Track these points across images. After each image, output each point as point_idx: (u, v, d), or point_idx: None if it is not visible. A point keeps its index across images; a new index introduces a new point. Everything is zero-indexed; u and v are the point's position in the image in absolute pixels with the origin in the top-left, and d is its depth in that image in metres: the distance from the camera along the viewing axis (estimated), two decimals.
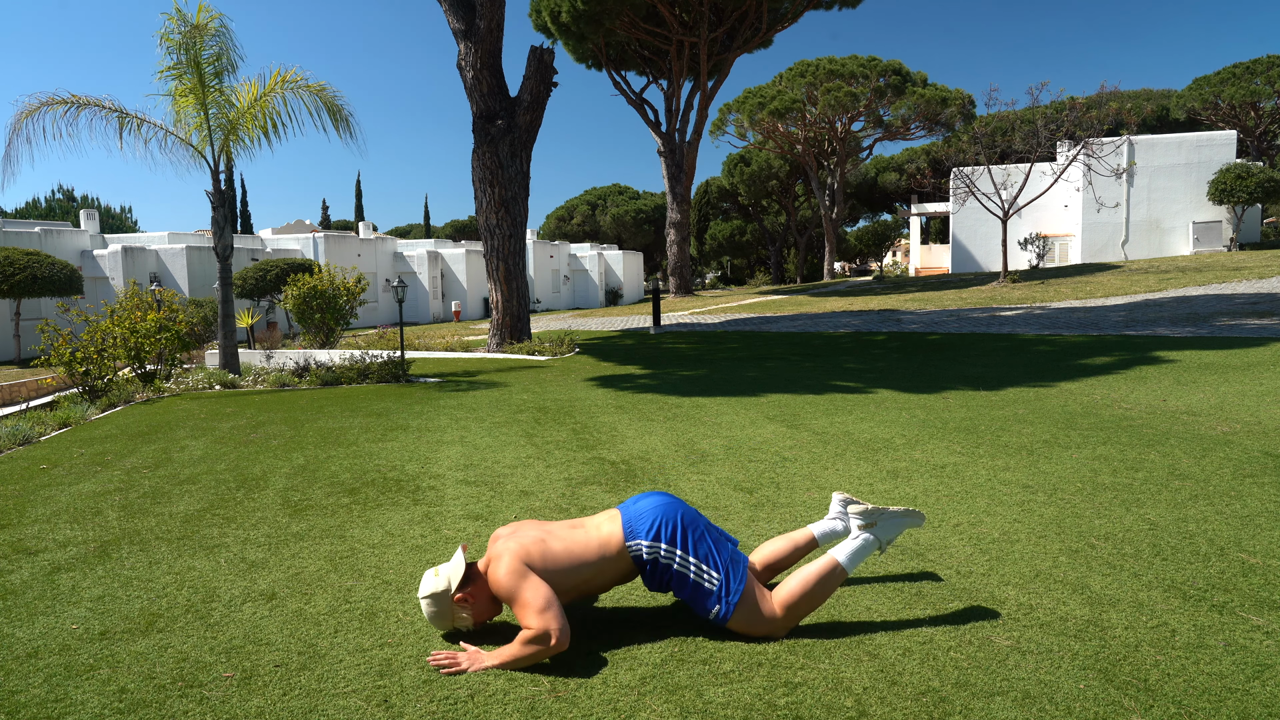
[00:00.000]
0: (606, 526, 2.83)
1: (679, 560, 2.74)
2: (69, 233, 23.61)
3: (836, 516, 3.12)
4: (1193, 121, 38.11)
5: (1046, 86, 49.95)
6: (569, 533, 2.83)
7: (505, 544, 2.76)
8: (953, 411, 6.79)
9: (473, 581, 2.81)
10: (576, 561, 2.74)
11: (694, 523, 2.81)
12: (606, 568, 2.77)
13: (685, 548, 2.75)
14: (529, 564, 2.69)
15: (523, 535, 2.80)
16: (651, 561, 2.75)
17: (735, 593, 2.71)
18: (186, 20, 10.46)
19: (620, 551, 2.77)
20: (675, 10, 27.57)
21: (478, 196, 14.12)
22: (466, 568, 2.84)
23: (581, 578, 2.76)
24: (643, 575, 2.81)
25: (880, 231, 56.82)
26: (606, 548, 2.78)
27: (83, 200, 54.86)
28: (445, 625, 2.82)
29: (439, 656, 2.62)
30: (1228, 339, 11.03)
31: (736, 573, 2.75)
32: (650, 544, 2.75)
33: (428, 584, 2.80)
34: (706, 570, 2.73)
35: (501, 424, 6.85)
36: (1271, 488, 4.29)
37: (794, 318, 19.45)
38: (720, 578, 2.73)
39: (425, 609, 2.79)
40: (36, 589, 3.41)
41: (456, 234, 57.11)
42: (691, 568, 2.73)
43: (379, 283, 31.70)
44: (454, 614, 2.78)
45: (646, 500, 2.87)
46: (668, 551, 2.74)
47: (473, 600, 2.78)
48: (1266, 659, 2.53)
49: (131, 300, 10.49)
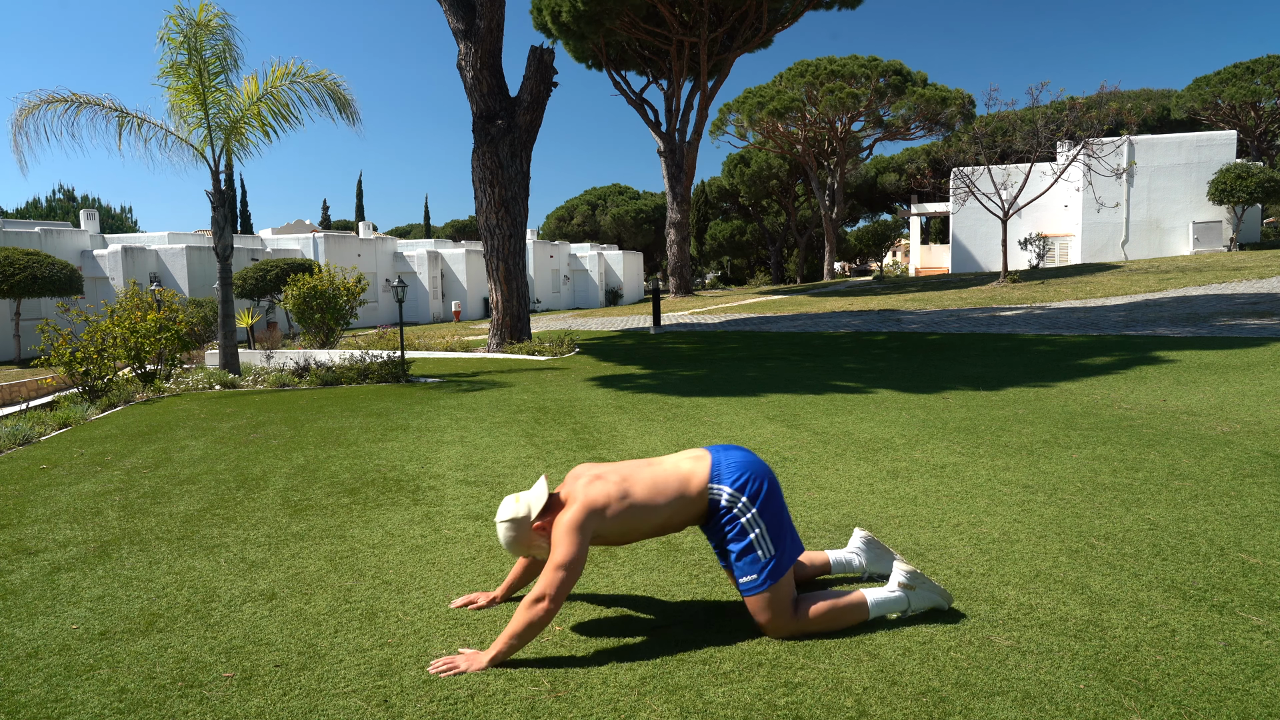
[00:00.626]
0: (688, 465, 2.84)
1: (749, 518, 2.75)
2: (69, 233, 23.61)
3: (856, 552, 3.18)
4: (1193, 121, 38.10)
5: (1046, 86, 49.93)
6: (648, 471, 2.84)
7: (586, 488, 2.76)
8: (953, 411, 6.79)
9: (552, 511, 2.82)
10: (656, 503, 2.76)
11: (775, 493, 2.83)
12: (683, 508, 2.79)
13: (760, 509, 2.77)
14: (599, 512, 2.70)
15: (607, 480, 2.79)
16: (727, 509, 2.77)
17: (777, 575, 2.73)
18: (189, 18, 10.46)
19: (700, 492, 2.78)
20: (675, 10, 27.57)
21: (478, 196, 14.12)
22: (548, 498, 2.85)
23: (660, 519, 2.78)
24: (708, 520, 2.82)
25: (880, 231, 56.82)
26: (687, 486, 2.79)
27: (83, 200, 54.87)
28: (520, 551, 2.84)
29: (437, 664, 2.62)
30: (1228, 339, 11.03)
31: (786, 559, 2.77)
32: (732, 492, 2.77)
33: (508, 509, 2.81)
34: (766, 541, 2.75)
35: (501, 424, 6.85)
36: (1271, 488, 4.29)
37: (794, 318, 19.45)
38: (774, 554, 2.75)
39: (503, 533, 2.80)
40: (36, 589, 3.41)
41: (456, 234, 57.11)
42: (756, 530, 2.75)
43: (379, 283, 31.70)
44: (531, 541, 2.80)
45: (739, 452, 2.89)
46: (744, 506, 2.76)
47: (550, 530, 2.80)
48: (1266, 659, 2.53)
49: (131, 300, 10.49)
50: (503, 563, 3.56)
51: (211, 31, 10.59)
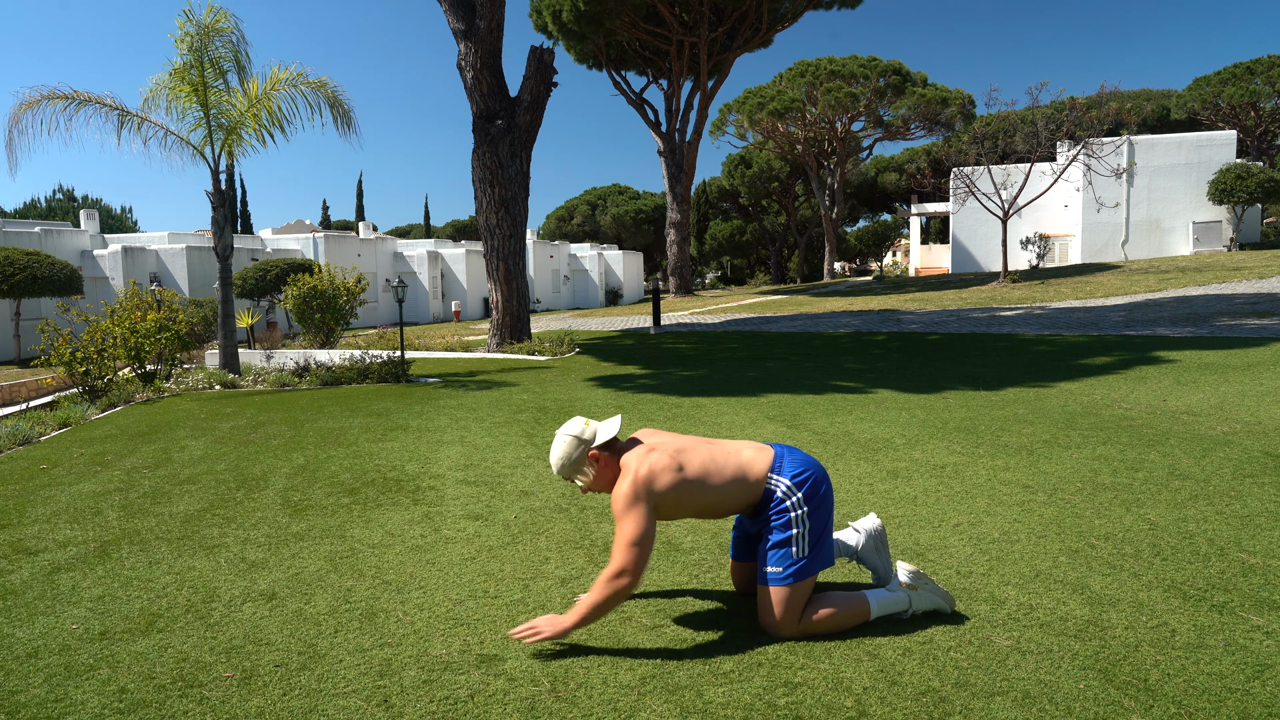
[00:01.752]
0: (749, 453, 2.86)
1: (799, 514, 2.77)
2: (69, 233, 23.61)
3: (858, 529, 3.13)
4: (1193, 121, 38.10)
5: (1046, 86, 49.98)
6: (706, 449, 2.85)
7: (643, 459, 2.75)
8: (953, 411, 6.78)
9: (610, 451, 2.84)
10: (710, 482, 2.77)
11: (828, 499, 2.85)
12: (737, 493, 2.80)
13: (811, 510, 2.78)
14: (651, 483, 2.70)
15: (662, 451, 2.79)
16: (780, 500, 2.78)
17: (802, 576, 2.73)
18: (196, 20, 10.46)
19: (759, 480, 2.80)
20: (675, 10, 27.56)
21: (478, 196, 14.12)
22: (613, 438, 2.86)
23: (713, 499, 2.79)
24: (758, 510, 2.84)
25: (880, 231, 56.80)
26: (748, 472, 2.80)
27: (83, 200, 54.86)
28: (566, 471, 2.85)
29: (520, 629, 2.66)
30: (1228, 339, 11.03)
31: (815, 566, 2.78)
32: (790, 485, 2.79)
33: (575, 426, 2.83)
34: (804, 541, 2.76)
35: (501, 424, 6.85)
36: (1271, 488, 4.29)
37: (794, 318, 19.45)
38: (806, 556, 2.76)
39: (558, 446, 2.82)
40: (36, 589, 3.41)
41: (456, 234, 57.10)
42: (800, 528, 2.76)
43: (379, 283, 31.69)
44: (580, 465, 2.82)
45: (803, 453, 2.91)
46: (798, 501, 2.77)
47: (601, 464, 2.82)
48: (1266, 659, 2.53)
49: (131, 300, 10.49)
50: (503, 563, 3.56)
51: (219, 35, 10.60)
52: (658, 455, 2.77)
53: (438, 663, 2.66)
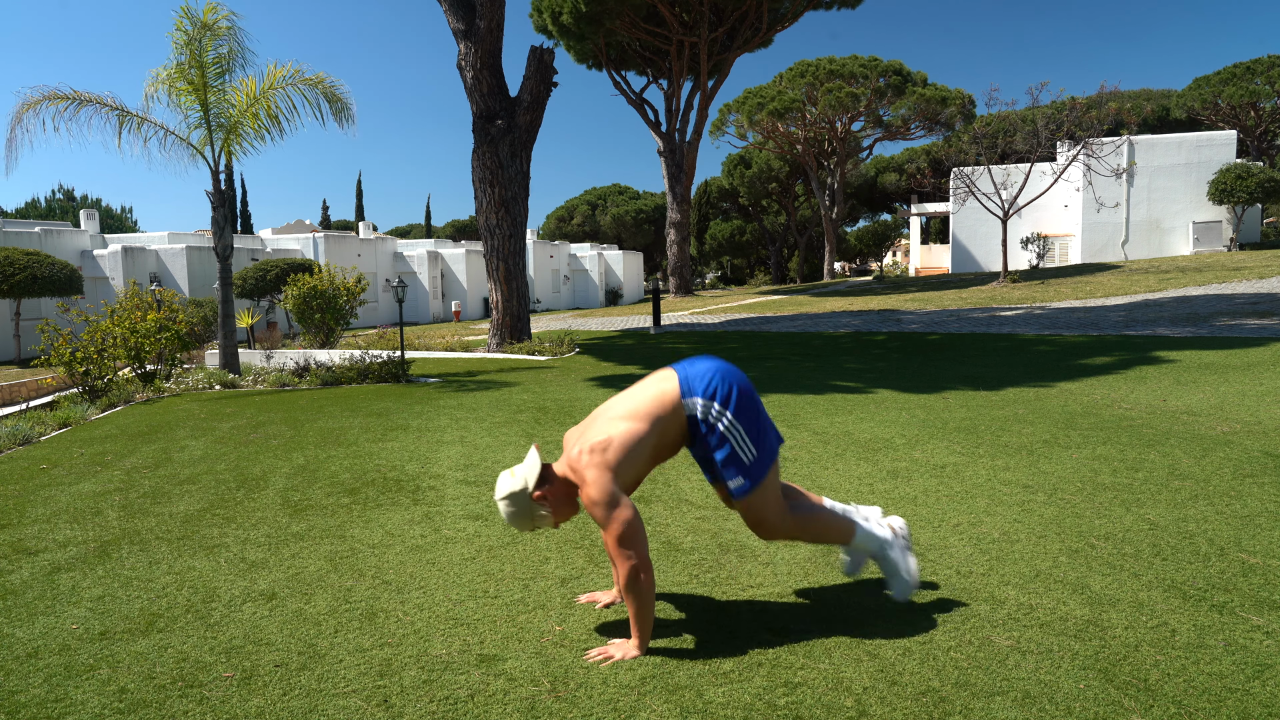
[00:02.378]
0: (656, 385, 2.80)
1: (726, 424, 2.72)
2: (69, 233, 23.61)
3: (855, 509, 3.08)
4: (1193, 121, 38.10)
5: (1046, 86, 49.94)
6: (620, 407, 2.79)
7: (590, 459, 2.68)
8: (953, 411, 6.78)
9: (549, 482, 2.81)
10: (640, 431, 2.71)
11: (748, 393, 2.78)
12: (665, 428, 2.74)
13: (735, 412, 2.74)
14: (612, 473, 2.66)
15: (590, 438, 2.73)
16: (704, 420, 2.73)
17: (762, 471, 2.73)
18: (194, 19, 10.46)
19: (676, 408, 2.74)
20: (675, 10, 27.57)
21: (478, 196, 14.12)
22: (542, 468, 2.82)
23: (652, 443, 2.73)
24: (693, 440, 2.80)
25: (880, 231, 56.81)
26: (663, 404, 2.74)
27: (83, 200, 54.85)
28: (526, 526, 2.81)
29: (593, 653, 2.67)
30: (1228, 339, 11.03)
31: (767, 454, 2.76)
32: (705, 401, 2.73)
33: (504, 485, 2.79)
34: (746, 443, 2.73)
35: (501, 424, 6.85)
36: (1271, 488, 4.29)
37: (794, 318, 19.45)
38: (755, 455, 2.73)
39: (504, 510, 2.79)
40: (36, 589, 3.41)
41: (457, 234, 57.10)
42: (732, 435, 2.72)
43: (379, 283, 31.70)
44: (533, 513, 2.79)
45: (704, 362, 2.84)
46: (718, 412, 2.72)
47: (551, 498, 2.79)
48: (1266, 659, 2.53)
49: (131, 300, 10.49)
50: (503, 563, 3.56)
51: (218, 34, 10.59)
52: (593, 445, 2.71)
53: (438, 663, 2.66)
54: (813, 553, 3.56)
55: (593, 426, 2.80)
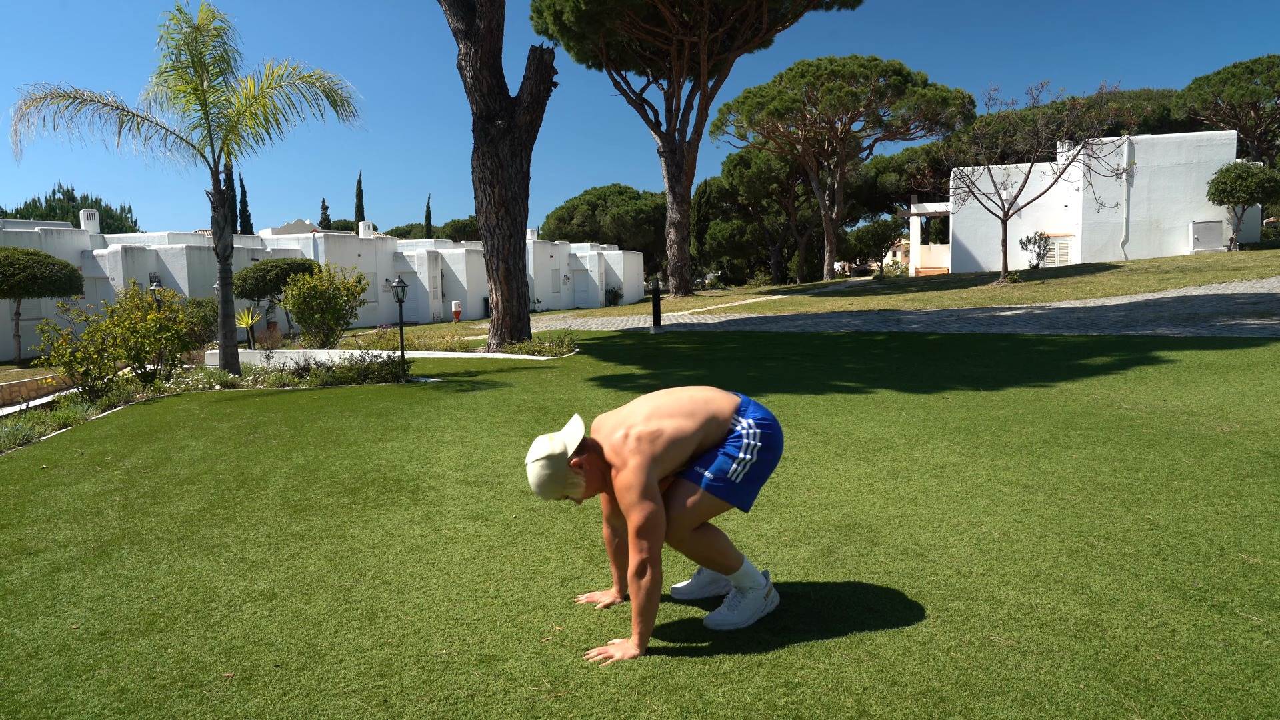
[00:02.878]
0: (717, 394, 2.94)
1: (749, 445, 2.83)
2: (69, 233, 23.61)
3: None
4: (1193, 121, 38.11)
5: (1046, 86, 50.00)
6: (669, 403, 2.88)
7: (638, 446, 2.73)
8: (953, 411, 6.78)
9: (588, 451, 2.82)
10: (688, 431, 2.80)
11: (776, 454, 2.90)
12: (710, 433, 2.85)
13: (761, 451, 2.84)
14: (657, 460, 2.72)
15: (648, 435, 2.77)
16: (738, 434, 2.85)
17: (721, 495, 2.80)
18: (188, 20, 10.46)
19: (726, 419, 2.87)
20: (675, 10, 27.56)
21: (478, 196, 14.12)
22: (583, 439, 2.84)
23: (693, 446, 2.82)
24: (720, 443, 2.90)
25: (880, 231, 56.79)
26: (718, 412, 2.87)
27: (83, 200, 54.85)
28: (554, 493, 2.78)
29: (592, 653, 2.68)
30: (1228, 339, 11.03)
31: (735, 498, 2.83)
32: (751, 425, 2.86)
33: (542, 447, 2.77)
34: (742, 471, 2.82)
35: (501, 424, 6.85)
36: (1271, 488, 4.29)
37: (794, 318, 19.44)
38: (736, 484, 2.81)
39: (537, 473, 2.75)
40: (36, 589, 3.41)
41: (457, 234, 57.10)
42: (747, 454, 2.82)
43: (379, 283, 31.69)
44: (567, 480, 2.76)
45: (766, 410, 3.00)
46: (753, 437, 2.84)
47: (587, 468, 2.79)
48: (1266, 659, 2.53)
49: (131, 300, 10.49)
50: (503, 563, 3.56)
51: (212, 35, 10.59)
52: (640, 428, 2.77)
53: (438, 663, 2.66)
54: (812, 553, 3.56)
55: (637, 415, 2.84)
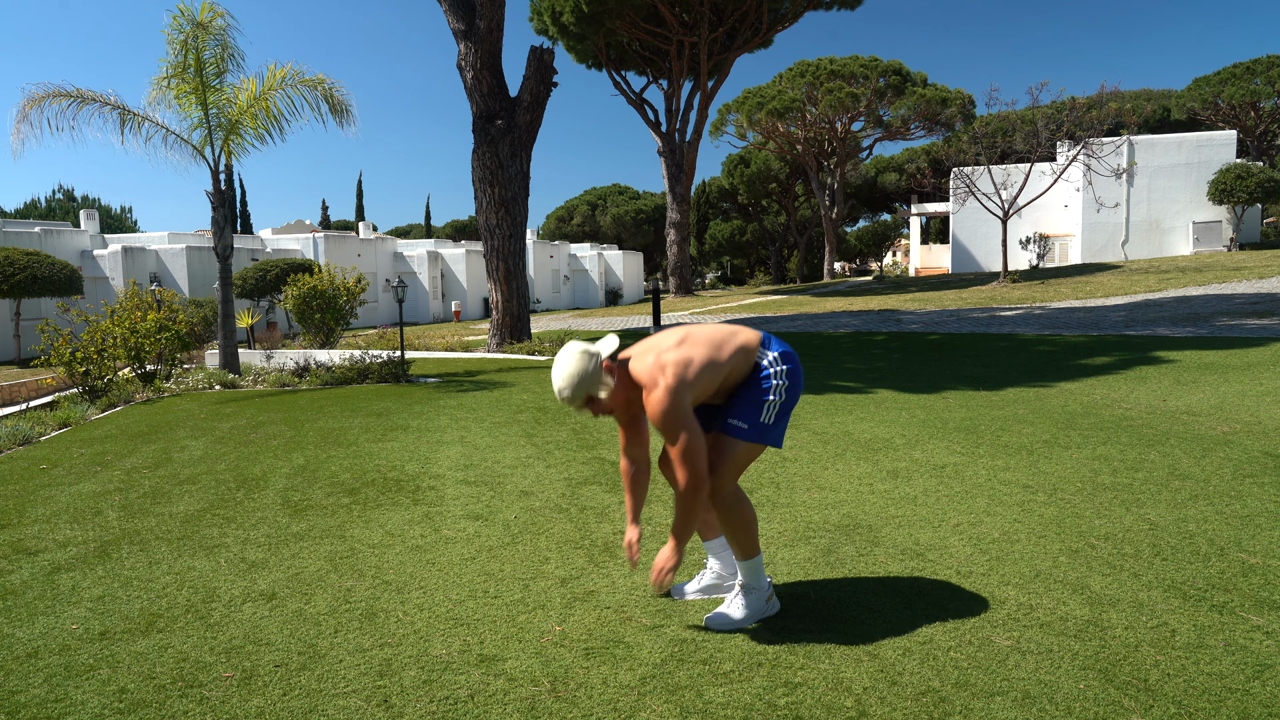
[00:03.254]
0: (743, 330, 2.97)
1: (778, 384, 2.88)
2: (69, 233, 23.61)
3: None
4: (1193, 121, 38.10)
5: (1046, 86, 49.98)
6: (701, 334, 2.92)
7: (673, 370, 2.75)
8: (953, 411, 6.78)
9: (621, 365, 2.85)
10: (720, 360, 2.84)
11: (799, 387, 2.95)
12: (738, 365, 2.89)
13: (788, 384, 2.90)
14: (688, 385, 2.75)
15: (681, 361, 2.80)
16: (765, 369, 2.89)
17: (758, 439, 2.84)
18: (191, 18, 10.46)
19: (753, 350, 2.91)
20: (675, 10, 27.56)
21: (478, 196, 14.12)
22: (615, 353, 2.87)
23: (721, 376, 2.86)
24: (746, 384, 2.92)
25: (880, 231, 56.78)
26: (746, 344, 2.90)
27: (83, 200, 54.84)
28: (580, 394, 2.76)
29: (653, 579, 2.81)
30: (1228, 339, 11.03)
31: (770, 437, 2.88)
32: (775, 358, 2.90)
33: (576, 346, 2.78)
34: (774, 410, 2.87)
35: (501, 424, 6.85)
36: (1271, 488, 4.29)
37: (794, 318, 19.44)
38: (769, 424, 2.86)
39: (568, 369, 2.73)
40: (36, 589, 3.41)
41: (456, 234, 57.09)
42: (776, 395, 2.87)
43: (379, 283, 31.70)
44: (597, 380, 2.75)
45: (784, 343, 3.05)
46: (779, 371, 2.89)
47: (617, 376, 2.81)
48: (1266, 659, 2.53)
49: (131, 300, 10.49)
50: (503, 563, 3.56)
51: (213, 34, 10.59)
52: (672, 354, 2.80)
53: (438, 663, 2.66)
54: (812, 553, 3.56)
55: (668, 342, 2.88)
